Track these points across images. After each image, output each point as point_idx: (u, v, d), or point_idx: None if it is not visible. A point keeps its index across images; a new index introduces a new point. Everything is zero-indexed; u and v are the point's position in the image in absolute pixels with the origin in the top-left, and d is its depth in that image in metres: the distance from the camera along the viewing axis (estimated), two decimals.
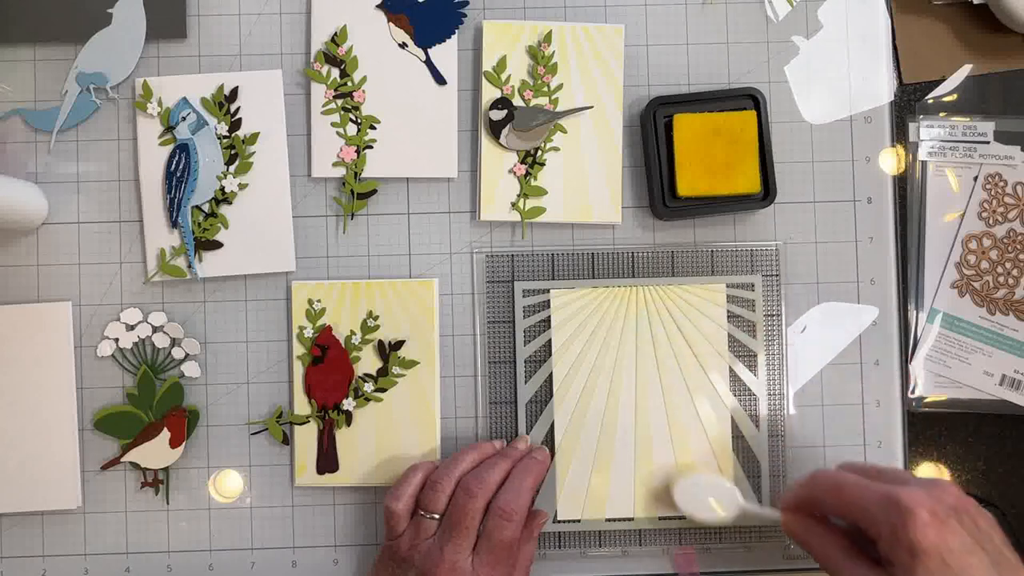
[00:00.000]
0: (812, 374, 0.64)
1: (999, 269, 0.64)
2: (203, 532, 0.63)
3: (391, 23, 0.63)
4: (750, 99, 0.62)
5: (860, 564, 0.49)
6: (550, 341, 0.63)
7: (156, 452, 0.62)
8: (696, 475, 0.61)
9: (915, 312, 0.64)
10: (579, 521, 0.62)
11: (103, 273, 0.63)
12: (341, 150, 0.63)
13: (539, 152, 0.63)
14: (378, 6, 0.63)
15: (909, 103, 0.65)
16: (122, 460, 0.62)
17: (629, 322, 0.63)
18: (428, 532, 0.56)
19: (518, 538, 0.56)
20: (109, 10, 0.63)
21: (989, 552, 0.45)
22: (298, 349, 0.62)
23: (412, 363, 0.62)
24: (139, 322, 0.63)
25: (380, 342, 0.62)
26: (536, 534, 0.59)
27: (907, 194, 0.65)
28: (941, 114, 0.65)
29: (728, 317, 0.63)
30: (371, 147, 0.63)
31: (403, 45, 0.63)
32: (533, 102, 0.63)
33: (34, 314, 0.62)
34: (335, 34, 0.63)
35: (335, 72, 0.63)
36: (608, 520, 0.62)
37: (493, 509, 0.55)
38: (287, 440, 0.63)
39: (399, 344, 0.62)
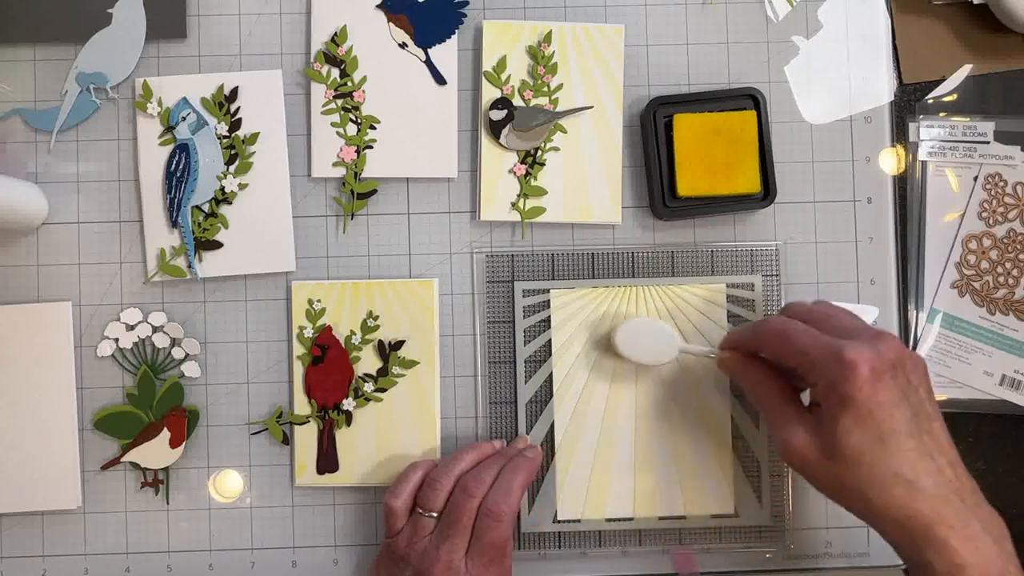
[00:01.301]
0: None
1: (999, 269, 0.64)
2: (203, 532, 0.63)
3: (391, 23, 0.63)
4: (750, 99, 0.62)
5: (789, 404, 0.52)
6: (550, 341, 0.63)
7: (156, 452, 0.62)
8: (635, 319, 0.61)
9: (915, 312, 0.65)
10: (579, 521, 0.62)
11: (103, 273, 0.63)
12: (341, 150, 0.63)
13: (539, 152, 0.63)
14: (378, 6, 0.63)
15: (909, 103, 0.65)
16: (122, 460, 0.62)
17: (631, 314, 0.62)
18: (426, 530, 0.56)
19: (509, 537, 0.56)
20: (109, 10, 0.63)
21: (912, 404, 0.49)
22: (298, 349, 0.62)
23: (412, 363, 0.62)
24: (139, 322, 0.63)
25: (380, 342, 0.62)
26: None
27: (907, 194, 0.65)
28: (941, 114, 0.65)
29: (728, 317, 0.63)
30: (371, 147, 0.63)
31: (403, 45, 0.63)
32: (533, 102, 0.63)
33: (34, 314, 0.62)
34: (335, 34, 0.63)
35: (335, 72, 0.63)
36: (608, 520, 0.62)
37: (483, 510, 0.55)
38: (287, 440, 0.63)
39: (399, 344, 0.62)
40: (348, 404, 0.62)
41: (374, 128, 0.63)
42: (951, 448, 0.49)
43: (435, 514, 0.56)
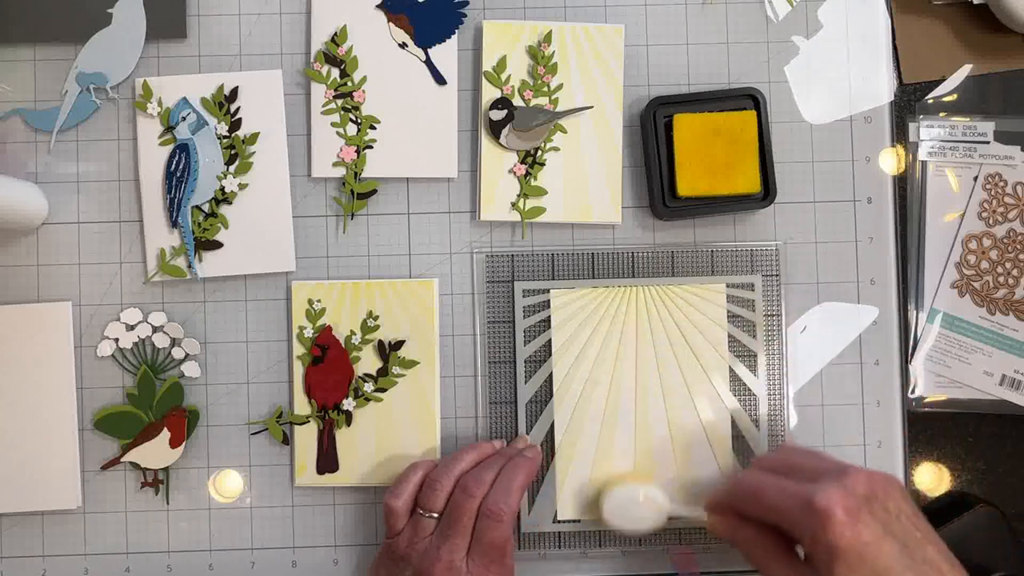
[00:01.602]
0: (812, 374, 0.64)
1: (999, 269, 0.64)
2: (203, 532, 0.63)
3: (391, 23, 0.63)
4: (750, 99, 0.62)
5: (785, 562, 0.51)
6: (550, 341, 0.63)
7: (156, 452, 0.62)
8: (620, 487, 0.60)
9: (915, 312, 0.64)
10: (579, 521, 0.62)
11: (103, 273, 0.63)
12: (341, 150, 0.63)
13: (539, 152, 0.63)
14: (378, 6, 0.63)
15: (909, 103, 0.65)
16: (122, 460, 0.62)
17: (629, 322, 0.63)
18: (426, 531, 0.56)
19: (509, 538, 0.56)
20: (109, 10, 0.63)
21: (898, 534, 0.47)
22: (298, 349, 0.62)
23: (412, 363, 0.62)
24: (139, 322, 0.63)
25: (380, 342, 0.62)
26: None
27: (907, 194, 0.65)
28: (941, 114, 0.65)
29: (728, 317, 0.63)
30: (371, 147, 0.63)
31: (403, 45, 0.63)
32: (533, 102, 0.63)
33: (34, 314, 0.62)
34: (335, 34, 0.63)
35: (335, 72, 0.63)
36: None
37: (483, 510, 0.55)
38: (287, 440, 0.63)
39: (399, 344, 0.62)
40: (348, 404, 0.62)
41: (374, 128, 0.63)
42: (953, 568, 0.47)
43: (435, 514, 0.56)
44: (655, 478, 0.62)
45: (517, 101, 0.63)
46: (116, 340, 0.63)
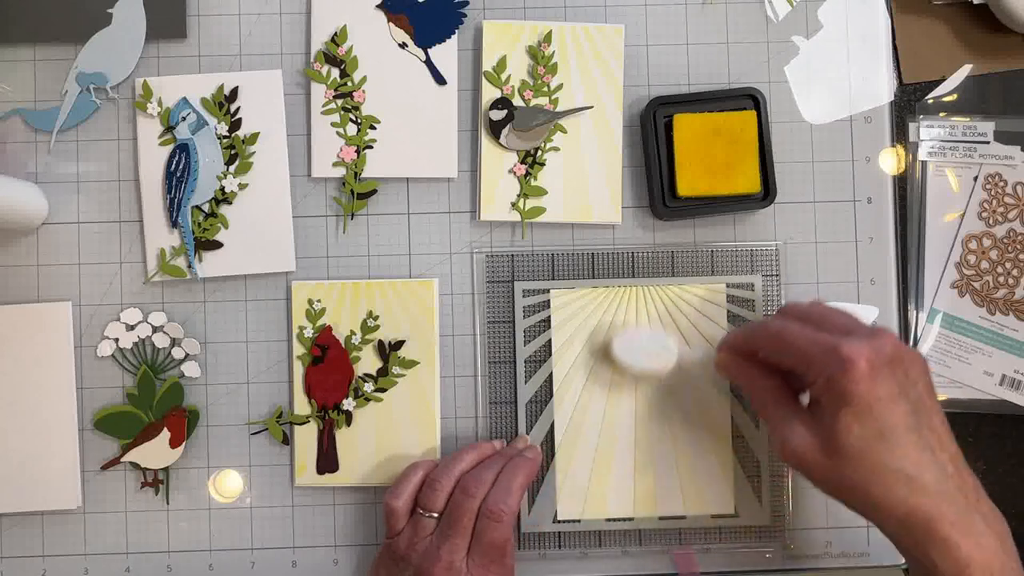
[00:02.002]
0: None
1: (999, 269, 0.64)
2: (203, 532, 0.63)
3: (391, 23, 0.63)
4: (750, 99, 0.62)
5: (787, 403, 0.52)
6: (550, 341, 0.63)
7: (156, 452, 0.62)
8: (632, 328, 0.61)
9: (915, 312, 0.65)
10: (579, 521, 0.62)
11: (103, 273, 0.63)
12: (341, 150, 0.63)
13: (539, 152, 0.63)
14: (378, 6, 0.63)
15: (909, 103, 0.65)
16: (122, 460, 0.62)
17: (629, 322, 0.63)
18: (426, 531, 0.56)
19: (509, 538, 0.56)
20: (109, 10, 0.63)
21: (911, 399, 0.48)
22: (298, 349, 0.62)
23: (412, 363, 0.62)
24: (139, 322, 0.63)
25: (380, 342, 0.62)
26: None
27: (907, 194, 0.65)
28: (941, 114, 0.65)
29: (728, 317, 0.63)
30: (371, 147, 0.63)
31: (403, 45, 0.63)
32: (533, 102, 0.63)
33: (34, 314, 0.62)
34: (335, 34, 0.63)
35: (335, 72, 0.63)
36: (608, 520, 0.62)
37: (483, 511, 0.55)
38: (287, 440, 0.63)
39: (399, 344, 0.62)
40: (348, 404, 0.62)
41: (374, 128, 0.63)
42: (952, 443, 0.49)
43: (436, 514, 0.56)
44: (655, 478, 0.62)
45: (517, 101, 0.63)
46: (116, 340, 0.63)
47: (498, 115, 0.62)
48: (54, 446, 0.62)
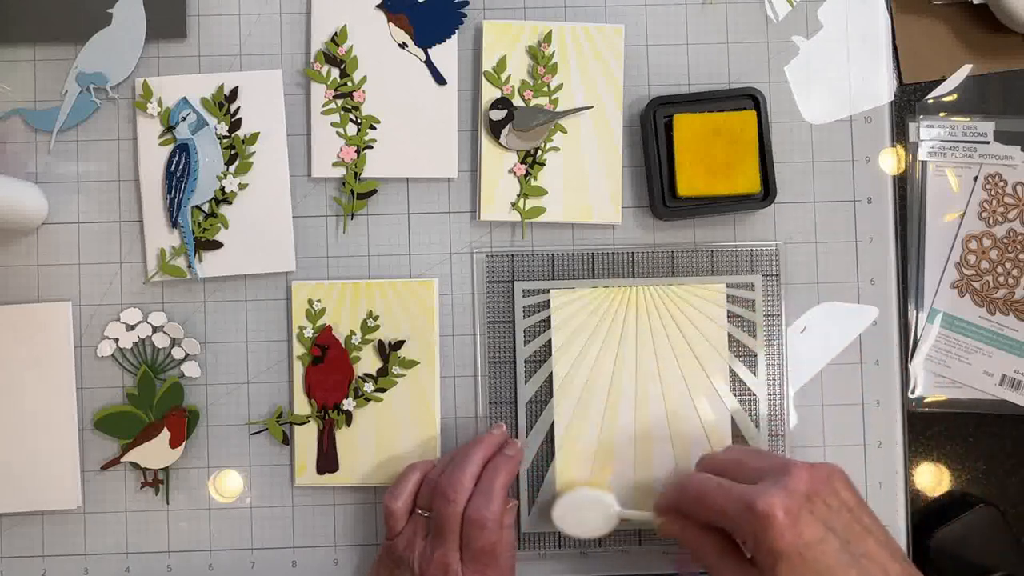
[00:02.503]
0: (812, 374, 0.64)
1: (999, 269, 0.64)
2: (203, 532, 0.63)
3: (391, 23, 0.63)
4: (750, 99, 0.62)
5: (732, 562, 0.50)
6: (550, 341, 0.63)
7: (156, 452, 0.62)
8: (572, 493, 0.60)
9: (915, 312, 0.65)
10: None
11: (103, 273, 0.63)
12: (341, 150, 0.63)
13: (539, 152, 0.63)
14: (378, 6, 0.63)
15: (909, 103, 0.65)
16: (122, 460, 0.62)
17: (629, 322, 0.63)
18: (425, 531, 0.56)
19: (499, 540, 0.55)
20: (109, 10, 0.63)
21: (839, 531, 0.47)
22: (298, 349, 0.62)
23: (412, 363, 0.62)
24: (139, 322, 0.63)
25: (380, 342, 0.62)
26: (510, 522, 0.58)
27: (907, 194, 0.65)
28: (941, 114, 0.65)
29: (728, 317, 0.63)
30: (371, 147, 0.63)
31: (403, 45, 0.63)
32: (533, 102, 0.63)
33: (34, 314, 0.62)
34: (335, 34, 0.63)
35: (335, 72, 0.63)
36: None
37: (466, 518, 0.55)
38: (287, 440, 0.63)
39: (399, 344, 0.62)
40: (348, 404, 0.62)
41: (374, 128, 0.63)
42: (894, 560, 0.48)
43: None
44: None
45: (517, 101, 0.63)
46: (116, 340, 0.63)
47: (498, 115, 0.62)
48: (54, 446, 0.62)
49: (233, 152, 0.62)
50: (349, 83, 0.63)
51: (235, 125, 0.62)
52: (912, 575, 0.48)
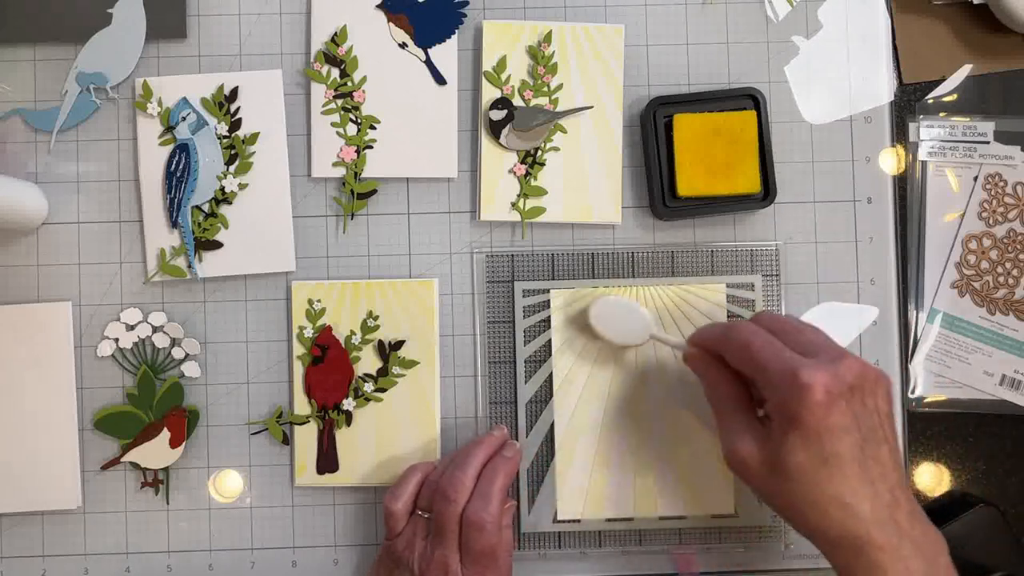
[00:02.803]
0: None
1: (999, 269, 0.64)
2: (203, 532, 0.63)
3: (391, 23, 0.63)
4: (750, 99, 0.62)
5: (742, 410, 0.52)
6: (550, 341, 0.63)
7: (156, 452, 0.62)
8: (611, 297, 0.61)
9: (915, 312, 0.65)
10: (579, 521, 0.62)
11: (103, 273, 0.63)
12: (341, 150, 0.63)
13: (539, 152, 0.63)
14: (378, 6, 0.63)
15: (909, 103, 0.65)
16: (122, 460, 0.62)
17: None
18: (425, 532, 0.56)
19: (498, 543, 0.55)
20: (109, 10, 0.63)
21: (863, 429, 0.48)
22: (298, 349, 0.62)
23: (412, 363, 0.62)
24: (139, 322, 0.63)
25: (380, 342, 0.62)
26: (508, 522, 0.58)
27: (907, 194, 0.65)
28: (941, 114, 0.65)
29: (728, 317, 0.63)
30: (371, 147, 0.63)
31: (403, 45, 0.63)
32: (533, 102, 0.63)
33: (34, 314, 0.62)
34: (335, 34, 0.63)
35: (335, 72, 0.63)
36: (608, 520, 0.62)
37: (464, 520, 0.55)
38: (287, 440, 0.63)
39: (399, 344, 0.62)
40: (348, 404, 0.62)
41: (374, 128, 0.63)
42: (896, 471, 0.49)
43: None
44: (655, 478, 0.62)
45: (517, 101, 0.63)
46: (116, 340, 0.63)
47: (498, 115, 0.62)
48: (54, 446, 0.62)
49: (233, 152, 0.62)
50: (349, 83, 0.63)
51: (235, 125, 0.62)
52: (905, 490, 0.49)
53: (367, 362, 0.62)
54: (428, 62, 0.63)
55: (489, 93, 0.63)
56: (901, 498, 0.48)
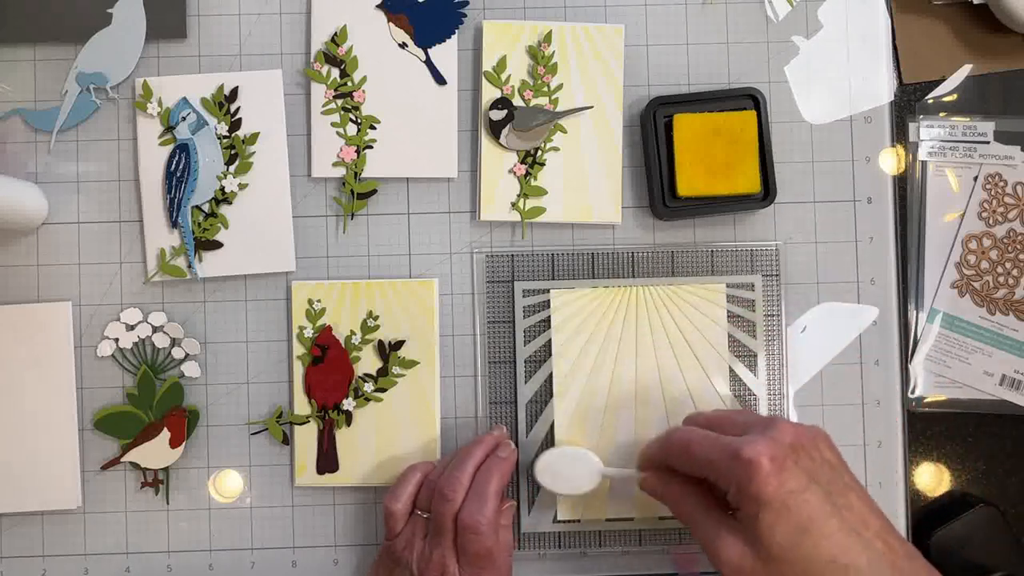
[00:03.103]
0: (812, 374, 0.64)
1: (999, 269, 0.64)
2: (203, 532, 0.63)
3: (391, 23, 0.63)
4: (750, 99, 0.62)
5: (714, 515, 0.51)
6: (550, 341, 0.63)
7: (156, 452, 0.62)
8: (554, 449, 0.60)
9: (915, 312, 0.65)
10: (579, 521, 0.62)
11: (103, 273, 0.63)
12: (341, 150, 0.63)
13: (539, 152, 0.63)
14: (378, 6, 0.63)
15: (909, 103, 0.65)
16: (122, 460, 0.62)
17: (629, 322, 0.63)
18: (424, 532, 0.56)
19: (494, 545, 0.55)
20: (109, 10, 0.63)
21: (822, 482, 0.48)
22: (298, 349, 0.62)
23: (412, 363, 0.62)
24: (139, 322, 0.63)
25: (380, 342, 0.62)
26: (507, 523, 0.58)
27: (907, 194, 0.65)
28: (941, 114, 0.65)
29: (728, 317, 0.63)
30: (371, 147, 0.63)
31: (403, 45, 0.63)
32: (533, 102, 0.63)
33: (34, 314, 0.62)
34: (335, 34, 0.63)
35: (335, 72, 0.63)
36: (608, 520, 0.62)
37: (460, 524, 0.54)
38: (287, 440, 0.63)
39: (399, 344, 0.62)
40: (348, 404, 0.62)
41: (374, 128, 0.63)
42: (876, 516, 0.48)
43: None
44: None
45: (517, 101, 0.63)
46: (116, 340, 0.63)
47: (498, 115, 0.62)
48: (54, 446, 0.62)
49: (233, 152, 0.62)
50: (349, 83, 0.63)
51: (235, 125, 0.62)
52: (891, 531, 0.48)
53: (367, 362, 0.62)
54: (428, 62, 0.63)
55: (489, 93, 0.63)
56: (894, 543, 0.47)
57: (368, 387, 0.62)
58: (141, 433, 0.62)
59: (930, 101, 0.65)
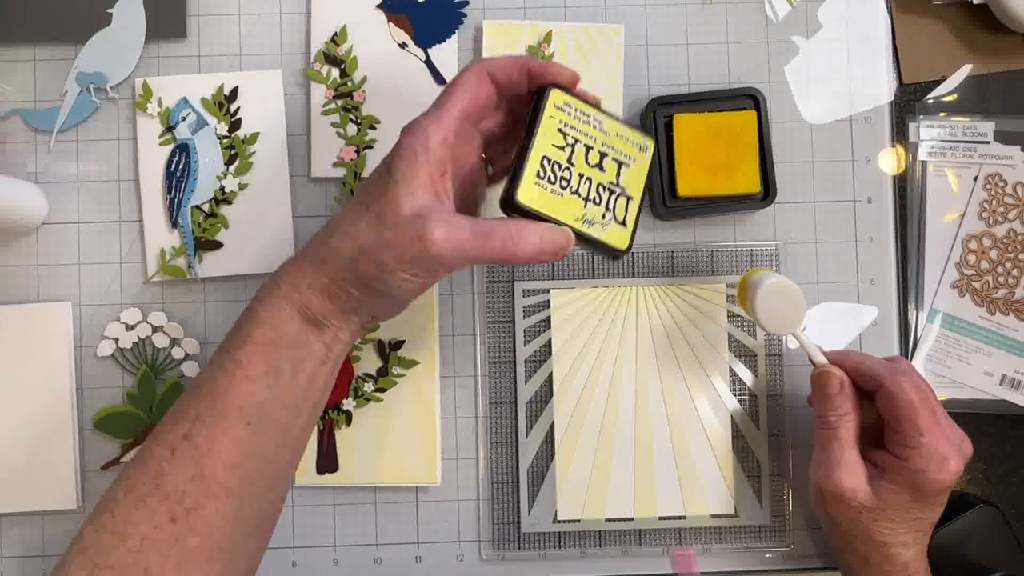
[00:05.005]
0: None
1: (999, 269, 0.64)
2: None
3: (391, 23, 0.63)
4: (750, 99, 0.62)
5: (855, 451, 0.55)
6: (550, 341, 0.63)
7: None
8: (779, 281, 0.56)
9: (915, 312, 0.64)
10: (579, 521, 0.62)
11: (103, 273, 0.63)
12: (341, 150, 0.63)
13: None
14: (378, 6, 0.63)
15: (909, 103, 0.65)
16: (122, 460, 0.62)
17: (629, 322, 0.63)
18: None
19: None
20: (109, 10, 0.63)
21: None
22: None
23: (412, 363, 0.62)
24: (139, 322, 0.63)
25: (380, 342, 0.62)
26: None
27: (907, 194, 0.65)
28: (941, 114, 0.65)
29: (728, 317, 0.63)
30: (371, 147, 0.63)
31: (403, 45, 0.63)
32: None
33: (34, 314, 0.62)
34: (335, 34, 0.63)
35: (335, 72, 0.63)
36: (608, 520, 0.62)
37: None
38: None
39: (399, 344, 0.62)
40: (348, 404, 0.62)
41: (374, 128, 0.63)
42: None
43: None
44: (655, 478, 0.62)
45: None
46: (116, 340, 0.63)
47: None
48: (54, 446, 0.62)
49: (233, 152, 0.62)
50: (349, 83, 0.63)
51: (235, 125, 0.62)
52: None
53: (367, 362, 0.62)
54: (428, 62, 0.63)
55: None
56: (928, 535, 0.56)
57: (368, 387, 0.62)
58: (141, 433, 0.62)
59: (930, 101, 0.65)
